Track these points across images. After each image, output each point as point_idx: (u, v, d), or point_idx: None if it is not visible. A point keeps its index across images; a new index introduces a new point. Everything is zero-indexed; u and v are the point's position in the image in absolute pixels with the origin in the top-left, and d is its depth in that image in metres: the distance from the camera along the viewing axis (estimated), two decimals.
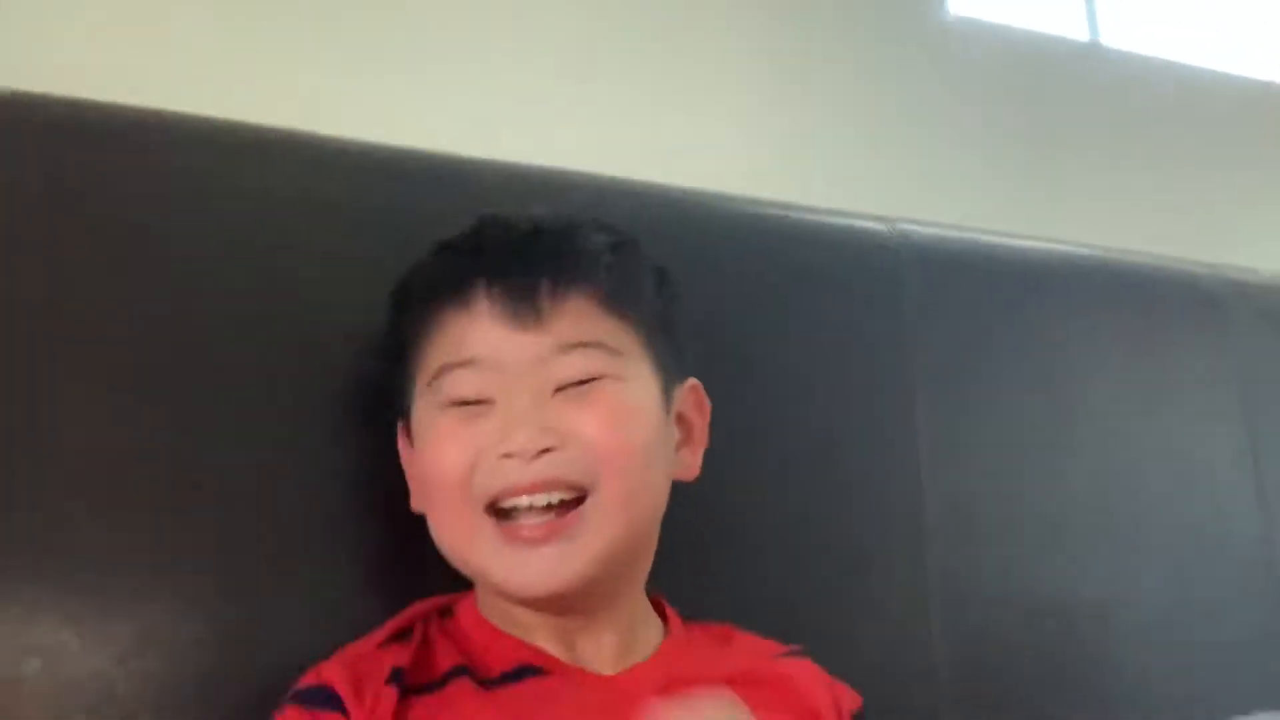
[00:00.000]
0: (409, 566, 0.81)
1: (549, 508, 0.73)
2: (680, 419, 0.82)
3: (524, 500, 0.73)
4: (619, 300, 0.77)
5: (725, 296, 0.97)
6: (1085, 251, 1.24)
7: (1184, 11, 3.85)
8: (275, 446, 0.82)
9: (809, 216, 1.10)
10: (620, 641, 0.78)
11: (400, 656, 0.73)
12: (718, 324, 0.90)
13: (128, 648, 0.74)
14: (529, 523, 0.73)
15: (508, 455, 0.73)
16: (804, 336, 1.02)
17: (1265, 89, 3.74)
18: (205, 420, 0.80)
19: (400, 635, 0.76)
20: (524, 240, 0.78)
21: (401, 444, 0.81)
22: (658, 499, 0.79)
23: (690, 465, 0.82)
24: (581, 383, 0.75)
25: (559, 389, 0.74)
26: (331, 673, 0.72)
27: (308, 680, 0.72)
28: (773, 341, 1.00)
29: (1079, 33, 3.63)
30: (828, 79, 3.02)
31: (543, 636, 0.76)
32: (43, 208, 0.80)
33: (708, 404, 0.84)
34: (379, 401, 0.82)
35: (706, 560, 0.91)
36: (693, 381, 0.83)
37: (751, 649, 0.83)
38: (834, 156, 2.90)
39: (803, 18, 3.04)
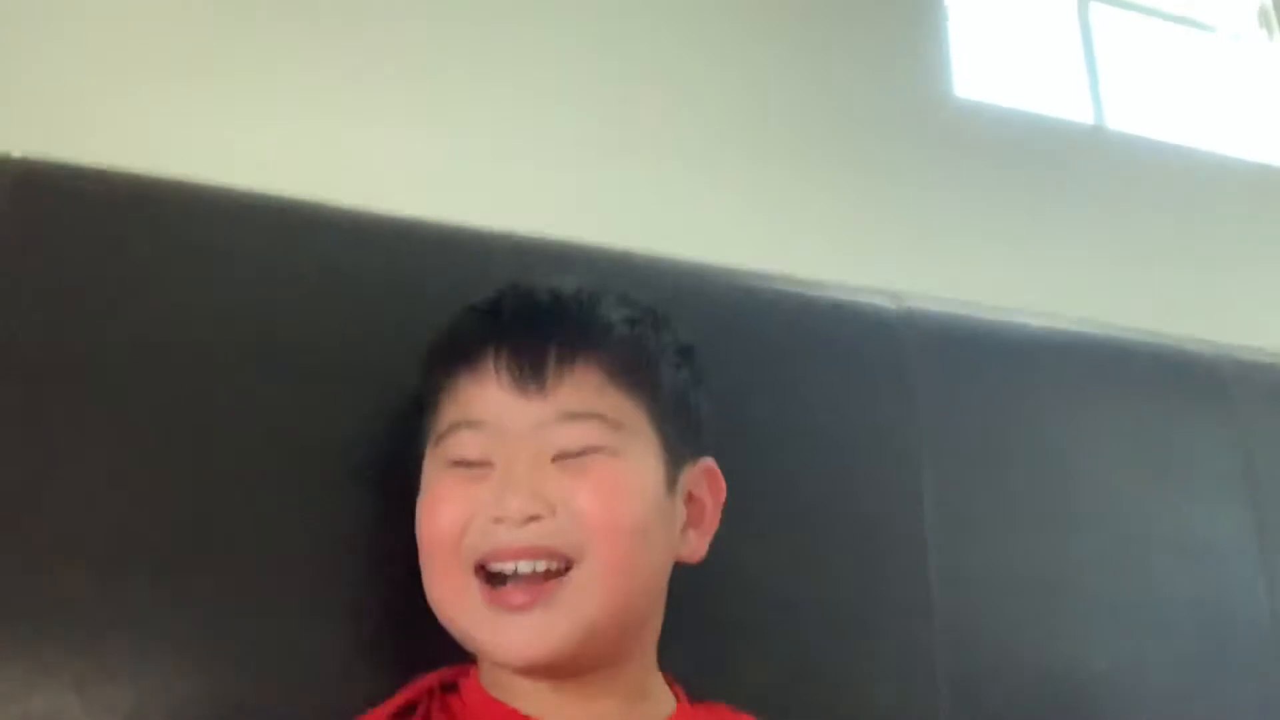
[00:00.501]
0: (412, 632, 0.80)
1: (534, 574, 0.73)
2: (690, 499, 0.81)
3: (510, 566, 0.73)
4: (628, 374, 0.77)
5: (730, 370, 0.97)
6: (1091, 330, 1.24)
7: (1187, 96, 3.90)
8: (277, 510, 0.82)
9: (815, 292, 1.10)
10: (623, 713, 0.77)
11: None
12: (722, 398, 0.91)
13: (130, 711, 0.74)
14: (514, 587, 0.73)
15: (498, 519, 0.73)
16: (809, 411, 1.02)
17: (1268, 171, 3.77)
18: (206, 483, 0.81)
19: (403, 712, 0.76)
20: (540, 307, 0.78)
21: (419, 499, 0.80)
22: (651, 577, 0.78)
23: (696, 548, 0.81)
24: (580, 454, 0.75)
25: (557, 458, 0.74)
26: None
27: None
28: (778, 416, 1.00)
29: (1084, 115, 3.67)
30: (837, 157, 3.05)
31: (544, 708, 0.75)
32: (46, 270, 0.81)
33: (723, 487, 0.83)
34: (390, 470, 0.82)
35: (710, 635, 0.91)
36: (707, 463, 0.83)
37: None
38: (841, 233, 2.92)
39: (813, 97, 3.08)
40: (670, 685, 0.82)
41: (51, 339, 0.80)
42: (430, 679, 0.78)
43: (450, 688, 0.78)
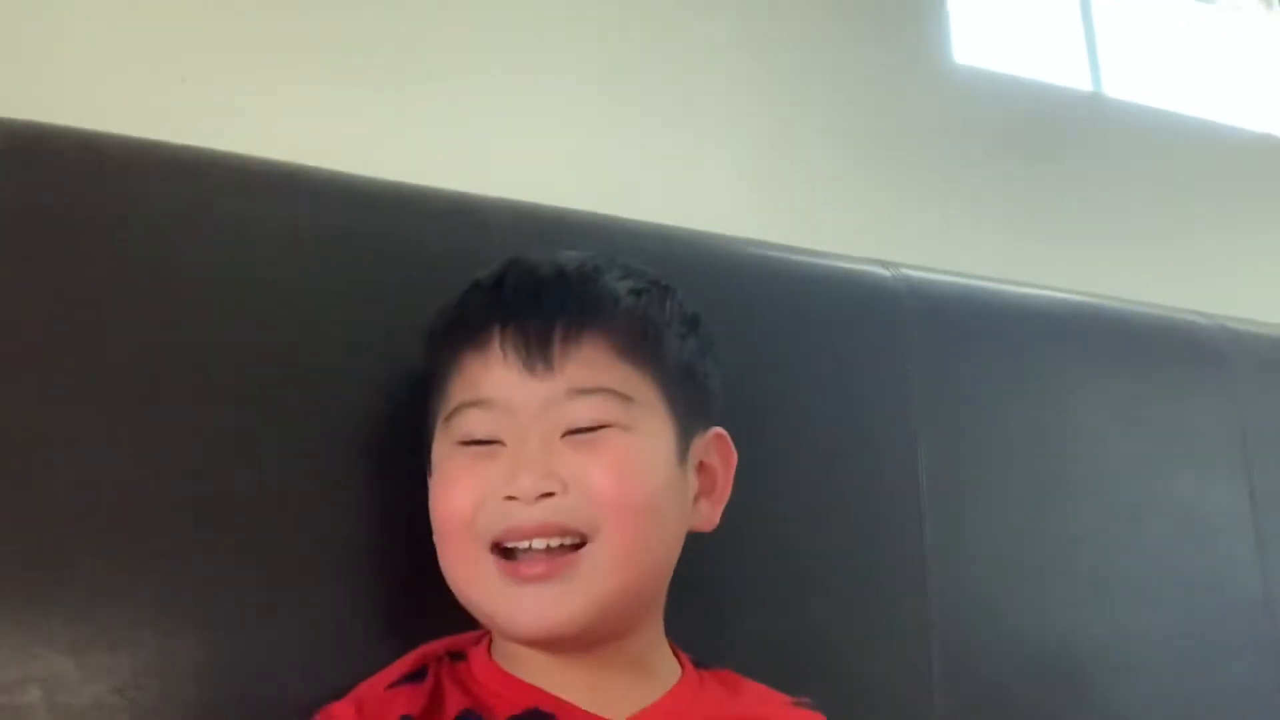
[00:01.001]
0: (414, 601, 0.81)
1: (549, 550, 0.73)
2: (702, 468, 0.81)
3: (524, 544, 0.74)
4: (635, 346, 0.77)
5: (727, 339, 0.97)
6: (1087, 300, 1.24)
7: (1186, 63, 3.88)
8: (279, 479, 0.82)
9: (812, 260, 1.10)
10: (631, 684, 0.77)
11: (411, 702, 0.74)
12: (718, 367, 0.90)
13: (127, 679, 0.74)
14: (528, 560, 0.74)
15: (511, 498, 0.73)
16: (806, 380, 1.03)
17: (1268, 141, 3.76)
18: (207, 452, 0.81)
19: (411, 677, 0.76)
20: (544, 283, 0.77)
21: (430, 479, 0.80)
22: (665, 551, 0.78)
23: (708, 517, 0.81)
24: (591, 429, 0.74)
25: (567, 434, 0.74)
26: (344, 714, 0.73)
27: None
28: (774, 384, 1.01)
29: (1082, 83, 3.66)
30: (832, 124, 3.03)
31: (553, 680, 0.76)
32: (47, 238, 0.80)
33: (734, 454, 0.83)
34: (388, 437, 0.82)
35: (707, 604, 0.91)
36: (718, 431, 0.82)
37: (762, 698, 0.82)
38: (837, 201, 2.90)
39: (807, 63, 3.06)
40: (676, 653, 0.82)
41: (49, 304, 0.79)
42: (439, 645, 0.79)
43: (458, 656, 0.79)
